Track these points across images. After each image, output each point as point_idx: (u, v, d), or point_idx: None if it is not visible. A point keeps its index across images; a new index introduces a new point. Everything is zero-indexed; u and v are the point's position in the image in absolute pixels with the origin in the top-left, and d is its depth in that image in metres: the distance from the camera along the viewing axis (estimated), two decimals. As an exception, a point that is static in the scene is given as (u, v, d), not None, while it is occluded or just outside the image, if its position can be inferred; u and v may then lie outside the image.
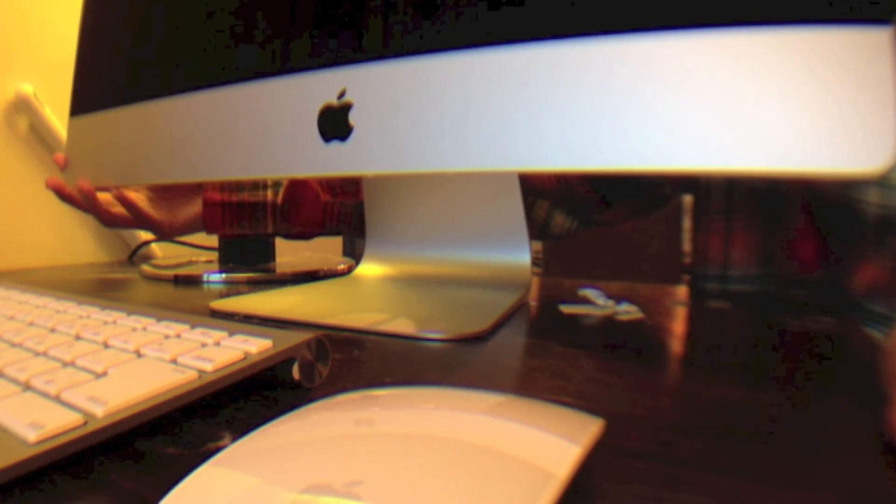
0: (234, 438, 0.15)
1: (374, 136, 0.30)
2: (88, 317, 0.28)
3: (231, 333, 0.24)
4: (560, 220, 0.60)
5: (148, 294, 0.50)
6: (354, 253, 0.64)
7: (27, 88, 0.69)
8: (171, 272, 0.58)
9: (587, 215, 0.60)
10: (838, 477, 0.16)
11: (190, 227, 0.62)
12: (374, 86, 0.30)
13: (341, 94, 0.31)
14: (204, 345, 0.23)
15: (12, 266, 0.69)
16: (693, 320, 0.39)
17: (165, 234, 0.61)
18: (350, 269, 0.55)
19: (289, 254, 0.71)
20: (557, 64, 0.25)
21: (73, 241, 0.75)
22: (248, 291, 0.47)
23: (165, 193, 0.60)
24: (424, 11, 0.29)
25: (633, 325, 0.36)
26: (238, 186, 0.60)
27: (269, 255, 0.66)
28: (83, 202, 0.54)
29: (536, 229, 0.61)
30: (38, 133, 0.71)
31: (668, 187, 0.56)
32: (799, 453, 0.18)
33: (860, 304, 0.40)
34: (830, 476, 0.16)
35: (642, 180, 0.54)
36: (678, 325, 0.38)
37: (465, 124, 0.27)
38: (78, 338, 0.24)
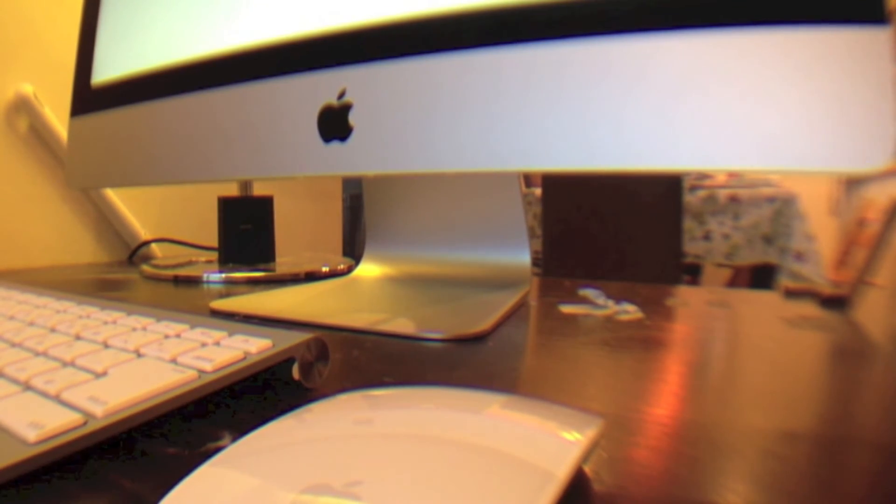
0: (234, 438, 0.15)
1: (373, 136, 0.30)
2: (88, 317, 0.28)
3: (231, 333, 0.24)
4: None
5: (148, 294, 0.50)
6: (354, 253, 0.64)
7: (27, 88, 0.69)
8: (170, 272, 0.58)
9: None
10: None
11: None
12: (374, 86, 0.30)
13: (341, 95, 0.31)
14: (204, 345, 0.23)
15: (12, 266, 0.69)
16: (692, 320, 0.39)
17: None
18: (350, 269, 0.55)
19: (289, 254, 0.71)
20: (557, 63, 0.25)
21: (73, 241, 0.75)
22: (248, 291, 0.47)
23: None
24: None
25: (632, 324, 0.36)
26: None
27: (269, 254, 0.66)
28: None
29: None
30: (38, 133, 0.71)
31: None
32: (798, 455, 0.18)
33: None
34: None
35: None
36: (677, 324, 0.38)
37: (465, 124, 0.27)
38: (78, 338, 0.24)
